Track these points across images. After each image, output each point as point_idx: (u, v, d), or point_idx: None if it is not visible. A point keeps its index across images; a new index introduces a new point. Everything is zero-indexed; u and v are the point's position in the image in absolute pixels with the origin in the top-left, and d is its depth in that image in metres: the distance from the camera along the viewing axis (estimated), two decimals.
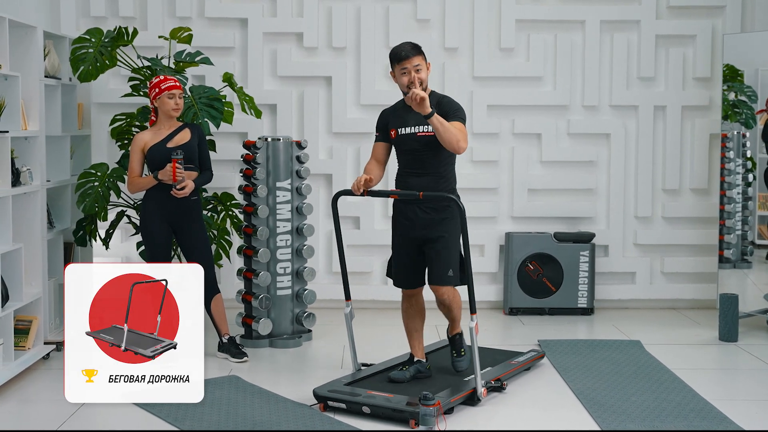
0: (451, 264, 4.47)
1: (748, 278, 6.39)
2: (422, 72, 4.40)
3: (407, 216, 4.53)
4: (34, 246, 5.17)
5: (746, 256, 6.37)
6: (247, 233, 5.58)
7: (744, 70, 6.21)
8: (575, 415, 4.23)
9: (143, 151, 5.06)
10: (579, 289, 6.47)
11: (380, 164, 4.63)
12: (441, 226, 4.47)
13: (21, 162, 5.12)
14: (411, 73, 4.38)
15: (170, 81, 4.99)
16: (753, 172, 6.24)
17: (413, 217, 4.51)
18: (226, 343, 5.25)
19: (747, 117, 6.24)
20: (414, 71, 4.38)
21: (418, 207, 4.50)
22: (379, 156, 4.63)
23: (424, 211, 4.49)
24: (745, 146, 6.29)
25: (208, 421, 4.09)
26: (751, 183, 6.27)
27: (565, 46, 6.60)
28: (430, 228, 4.49)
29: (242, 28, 6.54)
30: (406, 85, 4.39)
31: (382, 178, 4.65)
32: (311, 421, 4.07)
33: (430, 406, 3.84)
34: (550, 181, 6.66)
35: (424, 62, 4.44)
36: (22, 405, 4.41)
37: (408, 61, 4.39)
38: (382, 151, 4.63)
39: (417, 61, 4.40)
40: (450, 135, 4.26)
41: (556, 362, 5.14)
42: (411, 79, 4.37)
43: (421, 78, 4.38)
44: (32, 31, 5.17)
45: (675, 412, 4.23)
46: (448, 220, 4.47)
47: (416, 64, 4.39)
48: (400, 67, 4.41)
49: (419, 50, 4.44)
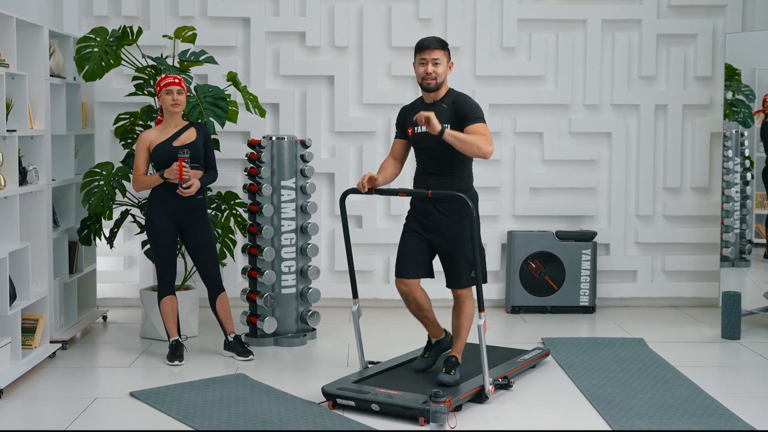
0: (470, 266, 4.47)
1: (746, 276, 6.43)
2: (440, 66, 4.41)
3: (423, 215, 4.51)
4: (40, 245, 5.17)
5: (744, 254, 6.41)
6: (251, 232, 5.58)
7: (741, 70, 6.25)
8: (583, 412, 4.25)
9: (149, 149, 5.07)
10: (581, 288, 6.50)
11: (397, 161, 4.63)
12: (459, 227, 4.44)
13: (27, 161, 5.12)
14: (429, 65, 4.40)
15: (169, 78, 5.02)
16: (751, 171, 6.28)
17: (429, 216, 4.49)
18: (232, 341, 5.25)
19: (745, 116, 6.27)
20: (432, 63, 4.40)
21: (434, 207, 4.48)
22: (396, 153, 4.63)
23: (441, 212, 4.47)
24: (743, 145, 6.33)
25: (218, 419, 4.10)
26: (749, 182, 6.30)
27: (567, 45, 6.63)
28: (446, 230, 4.47)
29: (245, 27, 6.55)
30: (422, 76, 4.42)
31: (397, 176, 4.64)
32: (321, 419, 4.08)
33: (441, 403, 3.86)
34: (552, 180, 6.69)
35: (445, 58, 4.44)
36: (29, 403, 4.41)
37: (428, 51, 4.41)
38: (400, 148, 4.63)
39: (437, 54, 4.41)
40: (469, 147, 4.24)
41: (560, 360, 5.17)
42: (426, 70, 4.39)
43: (437, 72, 4.39)
44: (38, 30, 5.17)
45: (682, 408, 4.26)
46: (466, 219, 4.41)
47: (435, 57, 4.40)
48: (419, 56, 4.44)
49: (444, 45, 4.46)
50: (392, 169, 4.58)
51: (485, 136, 4.29)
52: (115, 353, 5.40)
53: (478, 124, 4.35)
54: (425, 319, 4.69)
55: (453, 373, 4.48)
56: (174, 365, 5.06)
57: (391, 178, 4.57)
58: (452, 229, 4.47)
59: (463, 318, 4.55)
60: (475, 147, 4.24)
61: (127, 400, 4.42)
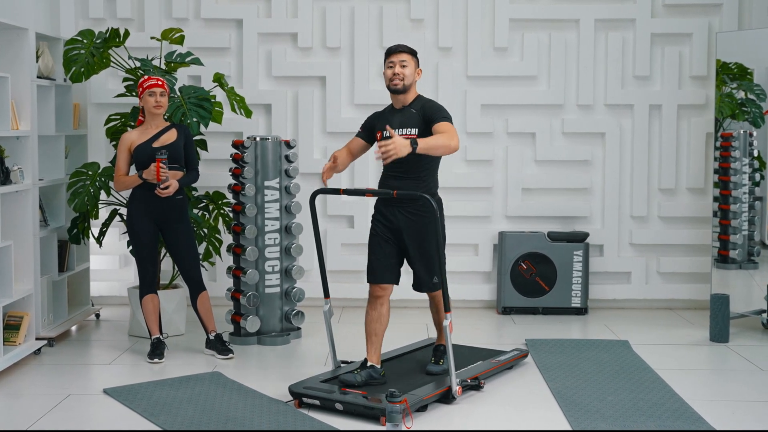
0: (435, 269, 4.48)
1: (753, 279, 6.33)
2: (407, 68, 4.46)
3: (388, 218, 4.53)
4: (25, 243, 5.25)
5: (753, 256, 6.30)
6: (236, 231, 5.63)
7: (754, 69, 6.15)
8: (548, 414, 4.23)
9: (130, 150, 5.15)
10: (572, 289, 6.46)
11: (350, 155, 4.72)
12: (426, 231, 4.46)
13: (12, 161, 5.21)
14: (396, 66, 4.45)
15: (152, 80, 5.07)
16: (761, 172, 6.15)
17: (394, 220, 4.51)
18: (213, 340, 5.30)
19: (755, 116, 6.17)
20: (399, 65, 4.45)
21: (399, 210, 4.50)
22: (352, 148, 4.72)
23: (405, 215, 4.49)
24: (752, 145, 6.23)
25: (182, 416, 4.14)
26: (759, 183, 6.19)
27: (560, 45, 6.59)
28: (414, 232, 4.49)
29: (237, 28, 6.60)
30: (389, 77, 4.48)
31: (347, 167, 4.79)
32: (284, 418, 4.11)
33: (396, 403, 3.86)
34: (545, 181, 6.65)
35: (413, 62, 4.50)
36: (5, 399, 4.48)
37: (396, 55, 4.48)
38: (357, 145, 4.72)
39: (404, 57, 4.47)
40: (440, 147, 4.25)
41: (540, 362, 5.14)
42: (394, 71, 4.44)
43: (404, 73, 4.44)
44: (23, 32, 5.26)
45: (649, 412, 4.22)
46: (431, 223, 4.43)
47: (402, 59, 4.46)
48: (388, 60, 4.51)
49: (412, 52, 4.53)
50: (345, 158, 4.67)
51: (449, 131, 4.31)
52: (99, 351, 5.48)
53: (443, 122, 4.38)
54: (374, 336, 4.51)
55: (441, 363, 4.65)
56: (154, 363, 5.12)
57: (344, 167, 4.68)
58: (419, 233, 4.49)
59: (444, 312, 4.57)
60: (444, 145, 4.26)
61: (99, 397, 4.48)
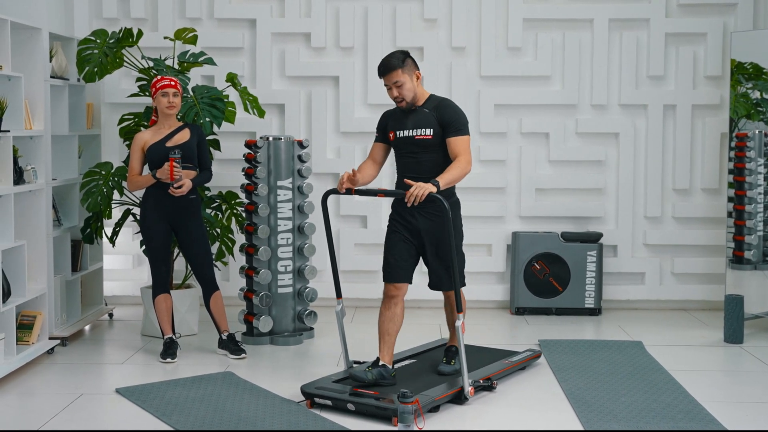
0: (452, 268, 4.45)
1: None
2: (404, 87, 4.40)
3: (406, 219, 4.51)
4: (38, 243, 5.26)
5: None
6: (248, 231, 5.63)
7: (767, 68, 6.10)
8: (561, 415, 4.21)
9: (143, 149, 5.16)
10: (586, 290, 6.43)
11: (376, 164, 4.65)
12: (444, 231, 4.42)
13: (25, 161, 5.23)
14: (393, 89, 4.42)
15: (165, 80, 5.07)
16: None
17: (412, 220, 4.49)
18: (225, 339, 5.31)
19: None
20: (395, 87, 4.41)
21: (417, 211, 4.48)
22: (375, 156, 4.66)
23: (424, 216, 4.48)
24: (767, 146, 6.18)
25: (195, 415, 4.15)
26: None
27: (574, 44, 6.56)
28: (433, 233, 4.47)
29: (251, 28, 6.61)
30: (392, 98, 4.46)
31: (375, 178, 4.68)
32: (296, 418, 4.11)
33: (408, 403, 3.85)
34: (558, 181, 6.63)
35: (406, 75, 4.39)
36: (18, 399, 4.50)
37: (386, 77, 4.43)
38: (380, 151, 4.66)
39: (395, 77, 4.39)
40: (458, 179, 4.33)
41: (553, 362, 5.12)
42: (393, 95, 4.43)
43: (402, 94, 4.41)
44: (37, 32, 5.28)
45: (663, 413, 4.19)
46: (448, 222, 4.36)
47: (395, 80, 4.39)
48: (384, 81, 4.47)
49: (399, 66, 4.38)
50: (370, 171, 4.60)
51: (462, 155, 4.35)
52: (112, 350, 5.49)
53: (459, 138, 4.38)
54: (387, 336, 4.47)
55: (453, 363, 4.65)
56: (167, 362, 5.13)
57: (369, 179, 4.59)
58: (437, 233, 4.48)
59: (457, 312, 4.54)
60: (461, 175, 4.35)
61: (111, 397, 4.49)
